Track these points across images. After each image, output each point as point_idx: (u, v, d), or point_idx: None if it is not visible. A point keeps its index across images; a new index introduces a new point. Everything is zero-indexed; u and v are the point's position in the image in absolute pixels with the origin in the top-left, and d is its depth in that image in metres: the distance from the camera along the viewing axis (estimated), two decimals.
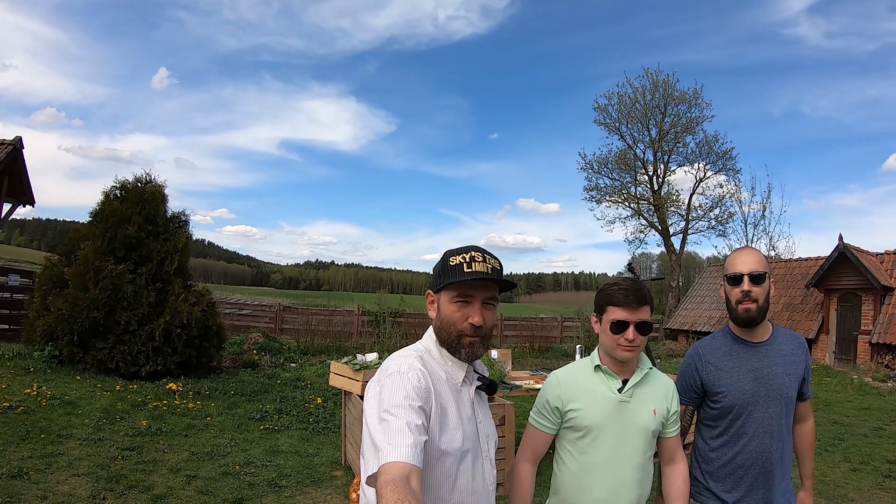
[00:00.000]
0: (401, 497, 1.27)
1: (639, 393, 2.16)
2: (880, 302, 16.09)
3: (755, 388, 2.29)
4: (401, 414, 1.50)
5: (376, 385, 1.64)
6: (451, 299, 1.76)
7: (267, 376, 10.37)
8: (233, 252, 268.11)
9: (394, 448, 1.41)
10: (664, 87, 27.19)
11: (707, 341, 2.48)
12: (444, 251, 1.82)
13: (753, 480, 2.30)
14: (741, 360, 2.35)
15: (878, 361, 15.29)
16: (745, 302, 2.29)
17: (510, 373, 6.63)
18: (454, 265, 1.74)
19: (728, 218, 28.45)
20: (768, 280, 2.32)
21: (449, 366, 1.79)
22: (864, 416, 9.88)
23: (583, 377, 2.21)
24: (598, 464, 2.12)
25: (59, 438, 5.83)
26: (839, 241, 16.50)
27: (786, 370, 2.32)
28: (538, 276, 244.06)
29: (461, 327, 1.74)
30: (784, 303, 19.11)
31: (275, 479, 5.36)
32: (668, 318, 24.41)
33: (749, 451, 2.30)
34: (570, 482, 2.18)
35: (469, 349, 1.75)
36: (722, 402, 2.34)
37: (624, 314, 2.08)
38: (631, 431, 2.12)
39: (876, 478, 6.32)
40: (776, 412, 2.30)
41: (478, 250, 1.78)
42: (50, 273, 9.50)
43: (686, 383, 2.47)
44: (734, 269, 2.33)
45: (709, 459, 2.41)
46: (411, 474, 1.37)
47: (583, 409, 2.13)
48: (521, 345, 18.89)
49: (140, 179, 10.23)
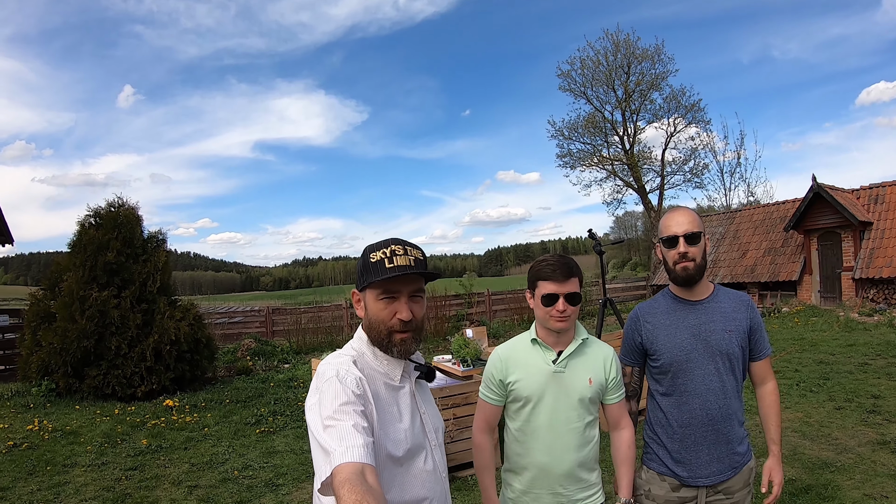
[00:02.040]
0: (359, 497, 1.25)
1: (573, 363, 2.30)
2: (860, 237, 16.14)
3: (692, 345, 2.32)
4: (345, 417, 1.48)
5: (315, 392, 1.61)
6: (377, 297, 1.74)
7: (261, 380, 10.63)
8: (220, 260, 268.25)
9: (346, 449, 1.39)
10: (625, 46, 27.25)
11: (648, 302, 2.54)
12: (364, 247, 1.79)
13: (700, 439, 2.33)
14: (678, 317, 2.38)
15: (862, 297, 15.45)
16: (682, 262, 2.32)
17: (486, 349, 6.86)
18: (375, 262, 1.71)
19: (703, 169, 28.97)
20: (703, 238, 2.35)
21: (384, 365, 1.78)
22: (849, 353, 9.98)
23: (521, 351, 2.36)
24: (537, 429, 2.28)
25: (64, 468, 6.05)
26: (813, 182, 16.66)
27: (725, 326, 2.33)
28: (525, 247, 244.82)
29: (390, 324, 1.73)
30: (766, 247, 19.28)
31: (272, 478, 5.62)
32: (653, 274, 24.75)
33: (693, 408, 2.33)
34: (516, 448, 2.36)
35: (401, 346, 1.74)
36: (661, 360, 2.38)
37: (553, 287, 2.22)
38: (567, 400, 2.27)
39: (860, 414, 6.46)
40: (717, 369, 2.32)
41: (398, 243, 1.75)
42: (37, 308, 9.64)
43: (629, 344, 2.52)
44: (669, 232, 2.35)
45: (657, 422, 2.46)
46: (366, 471, 1.35)
47: (521, 381, 2.30)
48: (512, 317, 19.18)
49: (112, 204, 10.31)
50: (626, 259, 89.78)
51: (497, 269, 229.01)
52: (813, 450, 5.49)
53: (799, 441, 5.73)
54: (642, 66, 27.46)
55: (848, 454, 5.34)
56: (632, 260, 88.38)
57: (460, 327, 15.35)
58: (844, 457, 5.28)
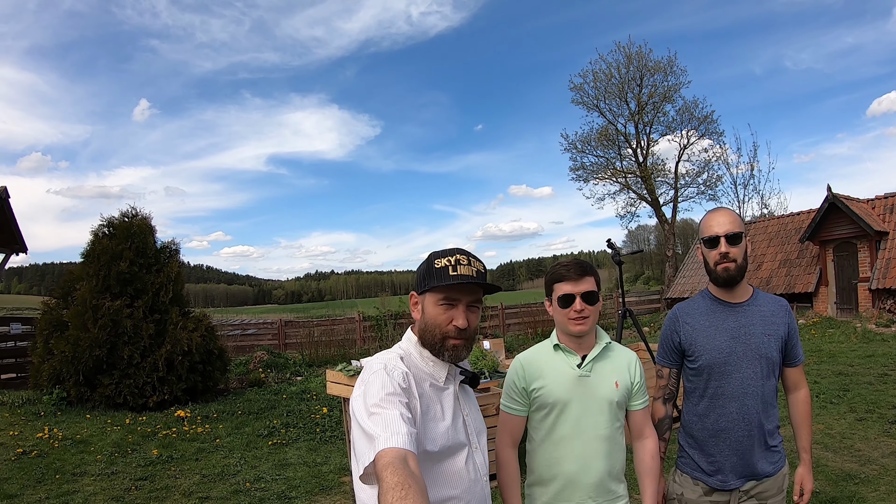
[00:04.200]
0: (402, 479, 1.25)
1: (599, 367, 2.22)
2: (876, 247, 15.95)
3: (732, 347, 2.27)
4: (391, 406, 1.50)
5: (362, 384, 1.64)
6: (437, 302, 1.75)
7: (273, 392, 10.58)
8: (232, 273, 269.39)
9: (390, 435, 1.39)
10: (637, 58, 27.34)
11: (686, 303, 2.49)
12: (430, 253, 1.83)
13: (736, 444, 2.27)
14: (718, 319, 2.33)
15: (879, 307, 15.22)
16: (723, 262, 2.28)
17: (503, 361, 6.78)
18: (439, 268, 1.74)
19: (717, 181, 28.72)
20: (744, 239, 2.30)
21: (430, 366, 1.80)
22: (868, 364, 9.87)
23: (544, 357, 2.27)
24: (565, 437, 2.18)
25: (73, 477, 6.00)
26: (828, 192, 16.49)
27: (765, 330, 2.29)
28: (538, 261, 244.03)
29: (446, 329, 1.74)
30: (781, 259, 19.11)
31: (284, 491, 5.53)
32: (667, 287, 24.54)
33: (730, 412, 2.27)
34: (542, 458, 2.24)
35: (453, 351, 1.76)
36: (699, 361, 2.33)
37: (569, 287, 2.16)
38: (594, 404, 2.18)
39: (882, 425, 6.34)
40: (756, 373, 2.27)
41: (463, 253, 1.78)
42: (49, 317, 9.68)
43: (667, 345, 2.47)
44: (710, 232, 2.32)
45: (692, 425, 2.40)
46: (409, 458, 1.35)
47: (546, 387, 2.20)
48: (525, 331, 19.05)
49: (126, 214, 10.40)
50: (640, 273, 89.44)
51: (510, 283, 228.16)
52: (836, 462, 5.35)
53: (821, 453, 5.58)
54: (655, 79, 27.54)
55: (871, 465, 5.21)
56: (644, 274, 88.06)
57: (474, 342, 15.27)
58: (868, 468, 5.15)
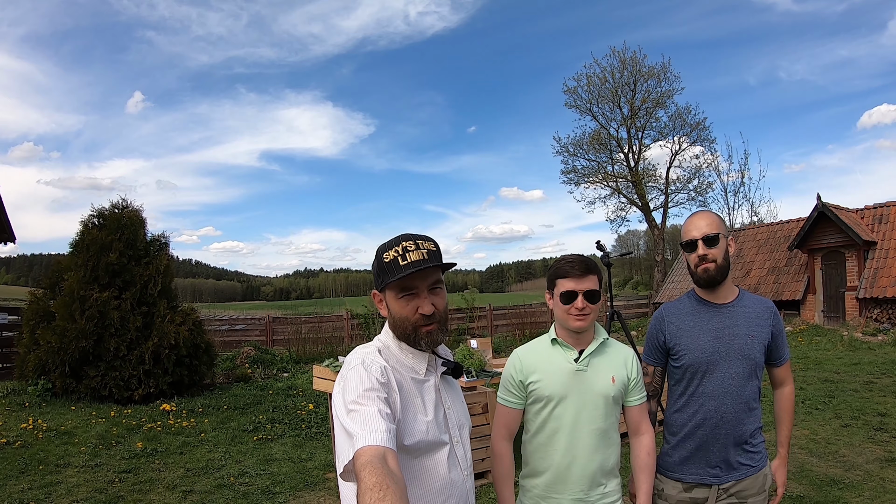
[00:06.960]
0: (380, 479, 1.23)
1: (595, 362, 2.24)
2: (864, 257, 16.11)
3: (715, 347, 2.31)
4: (369, 403, 1.49)
5: (341, 380, 1.63)
6: (397, 296, 1.73)
7: (259, 388, 10.54)
8: (221, 269, 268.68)
9: (369, 432, 1.39)
10: (632, 63, 27.41)
11: (673, 303, 2.52)
12: (377, 248, 1.78)
13: (712, 440, 2.31)
14: (703, 319, 2.37)
15: (866, 316, 15.38)
16: (702, 264, 2.32)
17: (491, 360, 6.77)
18: (389, 261, 1.70)
19: (707, 188, 28.99)
20: (724, 240, 2.33)
21: (409, 358, 1.78)
22: (854, 372, 9.96)
23: (541, 351, 2.29)
24: (559, 430, 2.20)
25: (56, 468, 5.96)
26: (818, 201, 16.63)
27: (749, 331, 2.32)
28: (527, 264, 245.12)
29: (413, 320, 1.72)
30: (769, 266, 19.25)
31: (268, 486, 5.51)
32: (655, 292, 24.65)
33: (706, 410, 2.31)
34: (537, 450, 2.27)
35: (428, 338, 1.74)
36: (682, 361, 2.37)
37: (572, 284, 2.17)
38: (590, 398, 2.19)
39: (867, 431, 6.40)
40: (737, 373, 2.29)
41: (408, 238, 1.74)
42: (36, 307, 9.60)
43: (652, 343, 2.50)
44: (688, 236, 2.36)
45: (672, 422, 2.44)
46: (387, 455, 1.34)
47: (542, 381, 2.22)
48: (513, 332, 19.07)
49: (117, 206, 10.32)
50: (628, 278, 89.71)
51: (498, 284, 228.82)
52: (821, 467, 5.39)
53: (806, 458, 5.63)
54: (648, 84, 27.62)
55: (856, 471, 5.25)
56: (633, 279, 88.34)
57: (462, 341, 15.28)
58: (852, 474, 5.19)
